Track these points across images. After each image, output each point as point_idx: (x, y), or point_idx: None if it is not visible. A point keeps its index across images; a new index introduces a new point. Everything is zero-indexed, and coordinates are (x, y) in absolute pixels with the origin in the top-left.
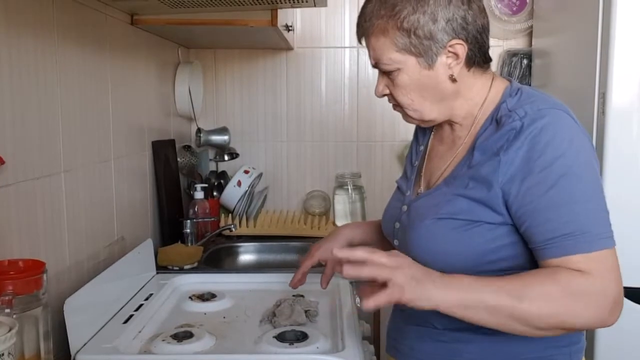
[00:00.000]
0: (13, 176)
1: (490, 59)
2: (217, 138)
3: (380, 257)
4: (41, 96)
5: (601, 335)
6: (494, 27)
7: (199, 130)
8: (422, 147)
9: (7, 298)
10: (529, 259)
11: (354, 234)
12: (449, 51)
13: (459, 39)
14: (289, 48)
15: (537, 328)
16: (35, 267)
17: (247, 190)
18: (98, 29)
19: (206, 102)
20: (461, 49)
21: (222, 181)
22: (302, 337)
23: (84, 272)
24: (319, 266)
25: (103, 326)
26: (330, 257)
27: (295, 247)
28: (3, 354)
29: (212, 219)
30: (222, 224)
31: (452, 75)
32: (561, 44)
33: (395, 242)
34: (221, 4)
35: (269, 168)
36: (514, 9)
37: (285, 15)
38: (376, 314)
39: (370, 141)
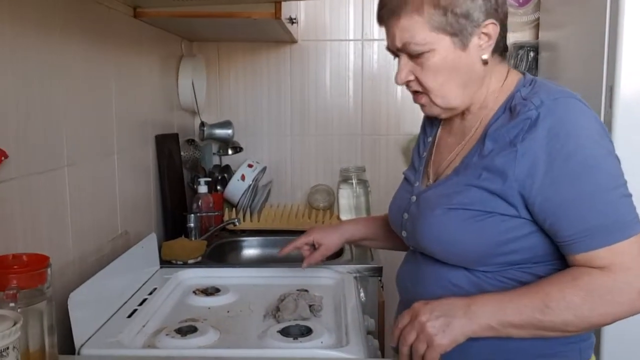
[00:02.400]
0: (16, 170)
1: (507, 48)
2: (220, 132)
3: (398, 324)
4: (44, 90)
5: (608, 331)
6: None
7: (202, 124)
8: (429, 139)
9: (11, 292)
10: (544, 251)
11: (356, 229)
12: (482, 32)
13: (493, 19)
14: (293, 41)
15: (568, 332)
16: (39, 262)
17: (251, 184)
18: (101, 22)
19: (210, 96)
20: (494, 29)
21: (225, 175)
22: (306, 331)
23: (87, 266)
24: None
25: (107, 320)
26: (325, 242)
27: None
28: (8, 348)
29: (216, 213)
30: (225, 218)
31: (484, 58)
32: (568, 37)
33: (404, 234)
34: None
35: (273, 162)
36: (521, 1)
37: (289, 8)
38: (381, 308)
39: (374, 135)
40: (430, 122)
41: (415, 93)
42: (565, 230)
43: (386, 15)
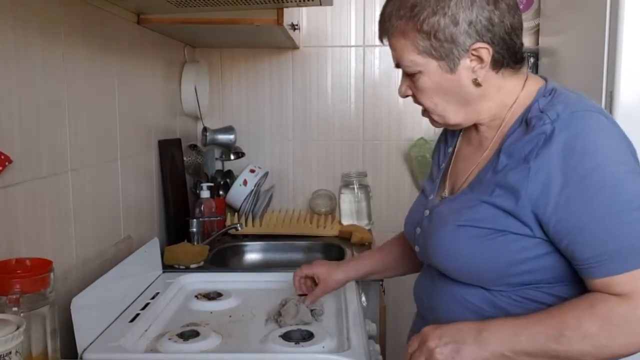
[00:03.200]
0: (20, 175)
1: (522, 59)
2: (223, 137)
3: (408, 349)
4: (48, 95)
5: None
6: None
7: (205, 129)
8: (450, 149)
9: (14, 297)
10: (562, 272)
11: (361, 265)
12: (473, 54)
13: (484, 41)
14: (295, 47)
15: None
16: (43, 266)
17: (253, 189)
18: (104, 28)
19: (212, 101)
20: (486, 52)
21: (228, 180)
22: (308, 336)
23: (90, 270)
24: None
25: (110, 325)
26: (329, 279)
27: (301, 246)
28: (11, 352)
29: (218, 218)
30: (228, 223)
31: (476, 80)
32: (568, 42)
33: (417, 248)
34: (227, 2)
35: (275, 167)
36: (521, 7)
37: (291, 14)
38: (382, 312)
39: (376, 140)
40: (452, 131)
41: (422, 109)
42: (582, 253)
43: (381, 33)
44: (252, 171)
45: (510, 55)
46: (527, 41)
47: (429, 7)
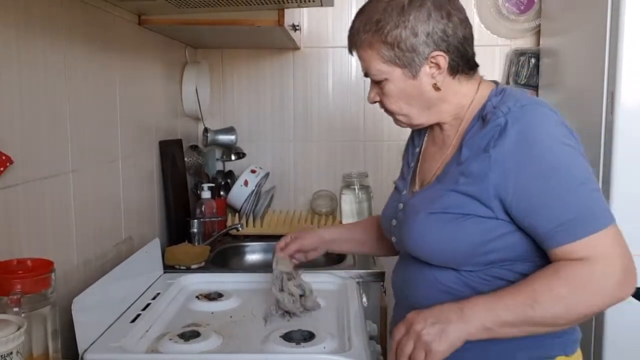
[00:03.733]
0: (21, 176)
1: (476, 65)
2: (224, 138)
3: (394, 337)
4: (49, 96)
5: (609, 334)
6: (501, 26)
7: (206, 130)
8: (417, 149)
9: (15, 297)
10: (524, 249)
11: (337, 232)
12: (431, 62)
13: (440, 50)
14: (296, 48)
15: (559, 326)
16: (44, 267)
17: (254, 190)
18: (106, 29)
19: (213, 102)
20: (442, 59)
21: (229, 181)
22: (309, 336)
23: (91, 271)
24: (320, 267)
25: (110, 325)
26: (304, 238)
27: None
28: (12, 353)
29: (219, 219)
30: (229, 223)
31: (435, 84)
32: (569, 43)
33: (393, 239)
34: (228, 3)
35: (276, 168)
36: (522, 7)
37: (292, 15)
38: (383, 313)
39: (377, 141)
40: (418, 132)
41: (385, 110)
42: (542, 227)
43: (349, 47)
44: (253, 172)
45: (464, 63)
46: (529, 42)
47: (391, 21)
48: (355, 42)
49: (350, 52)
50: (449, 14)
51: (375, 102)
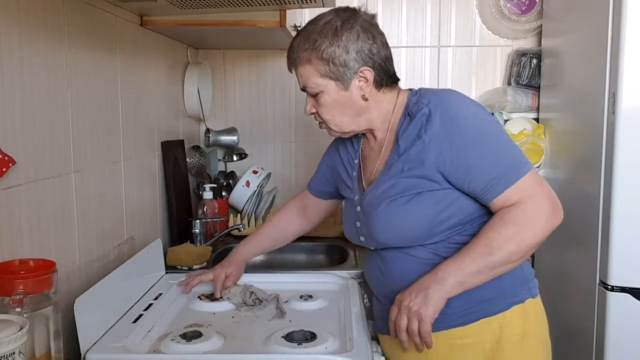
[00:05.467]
0: (24, 176)
1: (397, 79)
2: (226, 138)
3: (390, 318)
4: (52, 97)
5: (612, 333)
6: (503, 26)
7: (207, 131)
8: (356, 161)
9: (18, 297)
10: (473, 209)
11: (251, 254)
12: (360, 76)
13: (367, 66)
14: None
15: (515, 261)
16: (46, 267)
17: (255, 190)
18: (108, 30)
19: (215, 103)
20: (369, 74)
21: (230, 181)
22: (310, 337)
23: (94, 271)
24: (322, 267)
25: (113, 325)
26: (231, 280)
27: (303, 247)
28: (14, 353)
29: (221, 219)
30: (230, 224)
31: (363, 95)
32: (571, 44)
33: (362, 239)
34: (230, 4)
35: (278, 168)
36: (523, 8)
37: (294, 16)
38: None
39: None
40: (352, 145)
41: (319, 122)
42: (479, 186)
43: (290, 65)
44: (255, 172)
45: (387, 78)
46: (530, 42)
47: (327, 40)
48: (294, 59)
49: (290, 70)
50: (374, 36)
51: (312, 113)
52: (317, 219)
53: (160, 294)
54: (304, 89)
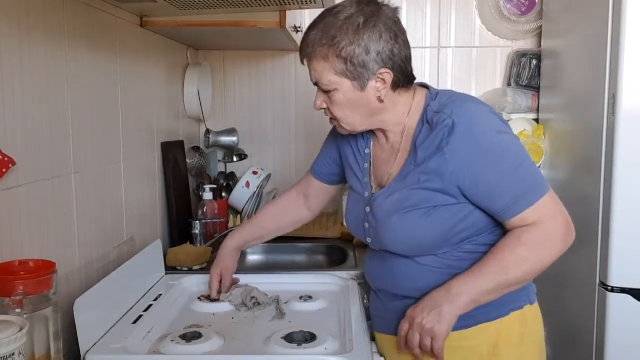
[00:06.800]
0: (24, 177)
1: (413, 79)
2: (226, 139)
3: (400, 333)
4: (52, 98)
5: (612, 334)
6: (503, 27)
7: (207, 132)
8: (367, 150)
9: (17, 298)
10: (484, 223)
11: (241, 242)
12: (378, 77)
13: (387, 68)
14: (298, 49)
15: (528, 280)
16: (46, 268)
17: (255, 191)
18: (108, 31)
19: (215, 104)
20: (388, 76)
21: (230, 182)
22: (310, 338)
23: (93, 272)
24: (322, 268)
25: (112, 326)
26: (226, 274)
27: (303, 248)
28: (14, 354)
29: (221, 220)
30: (230, 224)
31: (379, 97)
32: (571, 45)
33: (368, 240)
34: (230, 5)
35: (278, 169)
36: (523, 9)
37: (294, 17)
38: None
39: None
40: (362, 135)
41: (330, 118)
42: (498, 205)
43: (303, 57)
44: (255, 173)
45: (405, 79)
46: (530, 43)
47: (347, 38)
48: (309, 53)
49: (302, 62)
50: (396, 35)
51: (322, 109)
52: (316, 206)
53: (160, 294)
54: (316, 84)
